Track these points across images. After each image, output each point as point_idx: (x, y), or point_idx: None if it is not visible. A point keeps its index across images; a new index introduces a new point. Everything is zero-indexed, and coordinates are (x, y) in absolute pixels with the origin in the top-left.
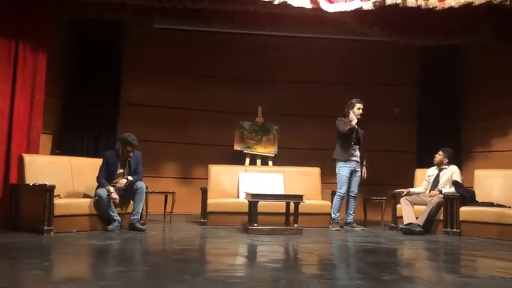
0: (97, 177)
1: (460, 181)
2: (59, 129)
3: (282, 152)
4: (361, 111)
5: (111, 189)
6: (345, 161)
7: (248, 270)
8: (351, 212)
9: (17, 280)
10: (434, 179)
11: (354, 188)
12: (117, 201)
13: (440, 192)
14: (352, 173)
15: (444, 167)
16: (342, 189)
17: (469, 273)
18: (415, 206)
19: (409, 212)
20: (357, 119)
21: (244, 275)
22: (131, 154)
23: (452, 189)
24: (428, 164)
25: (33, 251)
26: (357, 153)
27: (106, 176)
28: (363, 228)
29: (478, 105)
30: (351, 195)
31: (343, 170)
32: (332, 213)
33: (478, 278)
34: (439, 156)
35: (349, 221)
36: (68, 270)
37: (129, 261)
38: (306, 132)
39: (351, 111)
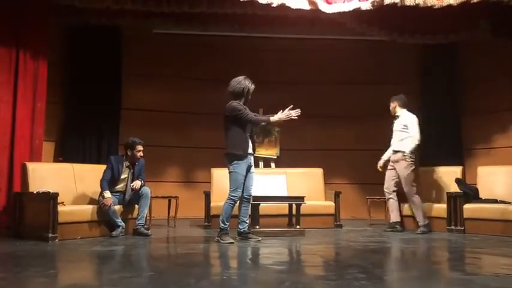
0: (100, 180)
1: (417, 129)
2: (61, 136)
3: (284, 153)
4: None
5: (106, 195)
6: (244, 157)
7: (252, 273)
8: (245, 219)
9: None
10: (393, 132)
11: (250, 188)
12: (107, 208)
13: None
14: (248, 169)
15: (397, 114)
16: (237, 192)
17: (473, 271)
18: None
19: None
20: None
21: (248, 277)
22: (142, 154)
23: (405, 143)
24: (430, 161)
25: (38, 258)
26: (250, 144)
27: (110, 179)
28: (260, 239)
29: (478, 101)
30: (246, 197)
31: (240, 167)
32: (221, 223)
33: (483, 275)
34: (391, 105)
35: (242, 229)
36: (73, 277)
37: (133, 267)
38: (307, 133)
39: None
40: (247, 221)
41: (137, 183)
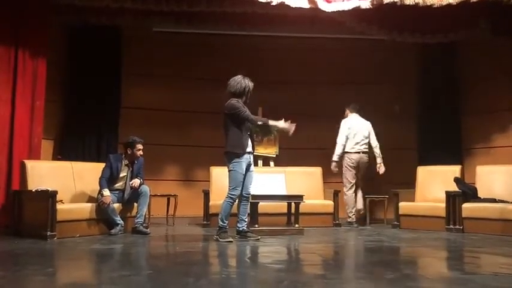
0: (99, 178)
1: (340, 134)
2: (60, 135)
3: (283, 152)
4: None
5: (105, 193)
6: (243, 155)
7: (251, 272)
8: (244, 218)
9: (21, 286)
10: None
11: (249, 187)
12: (106, 206)
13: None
14: (248, 168)
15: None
16: (236, 191)
17: (472, 270)
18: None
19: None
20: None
21: (247, 276)
22: (141, 152)
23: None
24: (430, 160)
25: (36, 256)
26: (249, 142)
27: (108, 178)
28: (258, 237)
29: (478, 101)
30: (245, 196)
31: (240, 166)
32: (220, 221)
33: (481, 274)
34: (345, 112)
35: (241, 228)
36: (71, 275)
37: (132, 265)
38: (306, 133)
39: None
40: (246, 220)
41: (136, 182)
